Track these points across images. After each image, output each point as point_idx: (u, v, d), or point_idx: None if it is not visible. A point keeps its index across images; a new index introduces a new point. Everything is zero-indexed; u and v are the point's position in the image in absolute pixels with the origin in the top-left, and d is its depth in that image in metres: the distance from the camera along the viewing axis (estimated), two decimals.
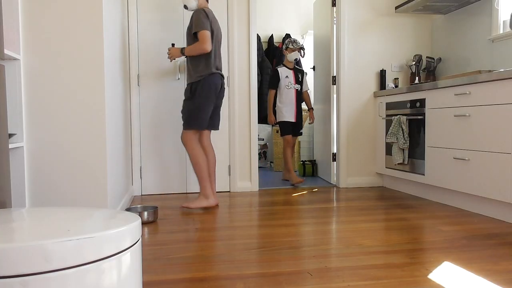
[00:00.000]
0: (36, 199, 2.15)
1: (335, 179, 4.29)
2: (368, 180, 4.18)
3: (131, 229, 1.01)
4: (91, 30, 2.18)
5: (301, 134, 4.45)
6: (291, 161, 4.27)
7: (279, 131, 4.54)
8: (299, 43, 4.28)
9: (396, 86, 4.09)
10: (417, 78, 4.08)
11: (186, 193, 3.87)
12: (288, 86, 4.26)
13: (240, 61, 3.91)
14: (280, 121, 4.30)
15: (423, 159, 3.38)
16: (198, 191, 3.91)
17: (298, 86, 4.31)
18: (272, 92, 4.31)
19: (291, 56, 4.25)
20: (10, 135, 1.92)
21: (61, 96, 2.17)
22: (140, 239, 1.07)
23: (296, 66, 4.44)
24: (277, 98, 4.31)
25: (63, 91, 2.17)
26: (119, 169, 2.79)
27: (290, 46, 4.24)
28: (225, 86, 3.93)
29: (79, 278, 0.86)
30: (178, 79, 3.83)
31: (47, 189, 2.16)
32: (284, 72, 4.28)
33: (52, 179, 2.17)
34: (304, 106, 6.08)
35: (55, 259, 0.84)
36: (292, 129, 4.29)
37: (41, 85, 2.14)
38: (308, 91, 4.47)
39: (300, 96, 4.36)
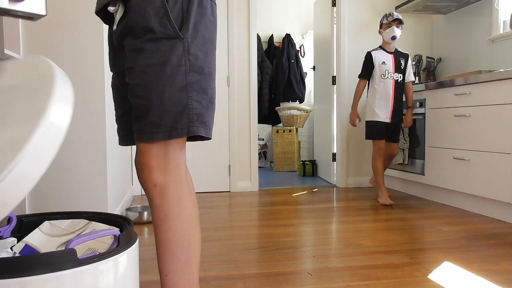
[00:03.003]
0: (36, 199, 2.15)
1: (335, 179, 4.29)
2: (368, 180, 4.18)
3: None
4: (91, 30, 2.18)
5: (397, 141, 3.37)
6: (382, 175, 3.33)
7: (368, 133, 3.37)
8: (395, 15, 3.27)
9: None
10: (417, 78, 4.08)
11: None
12: (385, 75, 3.26)
13: (240, 61, 3.91)
14: (370, 121, 3.32)
15: (423, 159, 3.38)
16: (200, 190, 3.91)
17: (399, 76, 3.28)
18: (363, 82, 3.37)
19: (387, 34, 3.29)
20: None
21: None
22: (137, 240, 1.07)
23: (399, 50, 3.40)
24: (369, 91, 3.37)
25: None
26: (119, 168, 2.79)
27: (384, 22, 3.31)
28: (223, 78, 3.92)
29: (76, 279, 0.86)
30: None
31: (47, 189, 2.16)
32: (381, 57, 3.30)
33: (51, 179, 2.17)
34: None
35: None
36: (386, 132, 3.29)
37: None
38: (412, 82, 3.40)
39: (401, 89, 3.31)
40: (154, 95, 0.96)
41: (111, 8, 1.01)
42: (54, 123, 0.86)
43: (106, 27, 2.28)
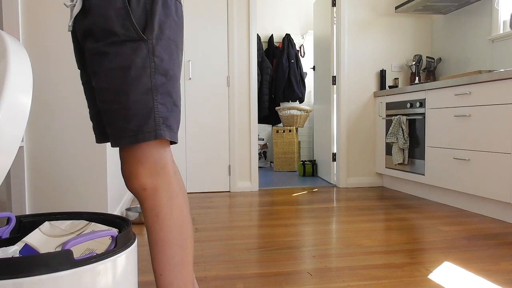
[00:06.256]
0: (36, 199, 2.15)
1: (335, 179, 4.29)
2: (368, 180, 4.18)
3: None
4: None
5: None
6: None
7: None
8: None
9: (396, 86, 4.09)
10: (417, 78, 4.08)
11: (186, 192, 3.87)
12: None
13: (240, 61, 3.91)
14: None
15: (423, 159, 3.38)
16: (200, 190, 3.91)
17: None
18: None
19: None
20: None
21: (61, 96, 2.17)
22: (136, 241, 1.07)
23: None
24: None
25: (63, 91, 2.17)
26: (119, 169, 2.79)
27: None
28: (229, 84, 3.93)
29: (73, 280, 0.86)
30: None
31: (47, 189, 2.16)
32: None
33: (52, 179, 2.17)
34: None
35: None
36: None
37: (41, 85, 2.14)
38: None
39: None
40: (120, 98, 0.94)
41: (67, 3, 0.97)
42: (15, 104, 0.82)
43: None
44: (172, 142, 1.05)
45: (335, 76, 4.24)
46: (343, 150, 4.13)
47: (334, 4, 4.23)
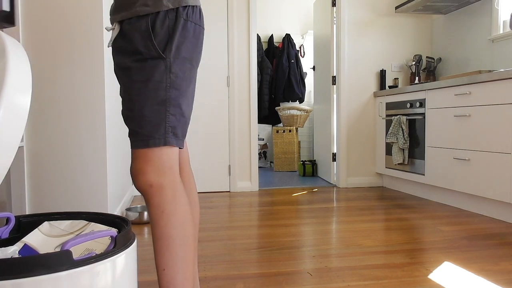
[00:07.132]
0: (36, 199, 2.15)
1: (335, 179, 4.29)
2: (368, 180, 4.18)
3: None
4: (91, 30, 2.18)
5: None
6: None
7: None
8: None
9: (396, 86, 4.09)
10: (417, 78, 4.08)
11: None
12: None
13: (240, 61, 3.91)
14: None
15: (423, 159, 3.38)
16: (200, 190, 3.90)
17: None
18: None
19: None
20: None
21: (61, 96, 2.17)
22: (135, 241, 1.07)
23: None
24: None
25: (63, 91, 2.17)
26: (119, 169, 2.79)
27: None
28: (226, 84, 3.94)
29: (72, 280, 0.85)
30: None
31: (47, 189, 2.16)
32: None
33: (52, 179, 2.17)
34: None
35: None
36: None
37: (41, 85, 2.14)
38: None
39: None
40: (137, 107, 1.07)
41: (108, 27, 1.14)
42: (14, 104, 0.82)
43: (105, 26, 2.28)
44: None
45: (335, 76, 4.24)
46: (343, 150, 4.13)
47: (334, 4, 4.23)
